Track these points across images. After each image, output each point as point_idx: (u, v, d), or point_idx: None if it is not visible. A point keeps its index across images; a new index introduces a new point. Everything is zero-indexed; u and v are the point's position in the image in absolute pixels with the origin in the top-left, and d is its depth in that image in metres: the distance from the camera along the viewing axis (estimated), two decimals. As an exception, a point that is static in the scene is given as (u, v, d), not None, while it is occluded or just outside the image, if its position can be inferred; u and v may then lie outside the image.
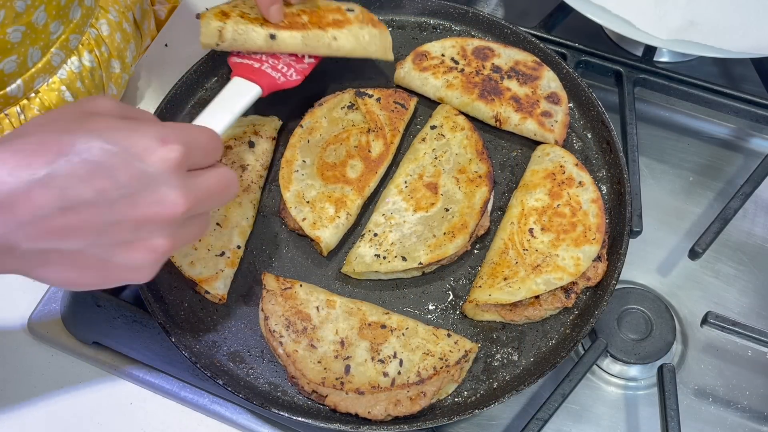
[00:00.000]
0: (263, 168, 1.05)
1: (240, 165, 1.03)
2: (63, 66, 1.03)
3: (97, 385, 1.00)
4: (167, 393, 0.98)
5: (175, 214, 0.68)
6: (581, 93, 1.09)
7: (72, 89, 1.05)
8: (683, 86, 1.16)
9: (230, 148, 1.04)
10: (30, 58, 0.98)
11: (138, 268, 0.70)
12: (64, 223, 0.64)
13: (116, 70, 1.13)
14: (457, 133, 1.05)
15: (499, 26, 1.16)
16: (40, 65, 1.00)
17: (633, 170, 1.04)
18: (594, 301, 0.95)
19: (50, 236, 0.64)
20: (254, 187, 1.03)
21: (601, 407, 0.98)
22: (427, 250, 0.96)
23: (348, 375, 0.87)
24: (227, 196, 0.75)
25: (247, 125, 1.06)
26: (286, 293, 0.93)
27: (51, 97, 1.03)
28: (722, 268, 1.07)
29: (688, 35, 1.13)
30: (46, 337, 1.01)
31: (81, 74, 1.06)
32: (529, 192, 1.00)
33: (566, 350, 0.90)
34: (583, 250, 0.94)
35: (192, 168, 0.71)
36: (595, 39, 1.26)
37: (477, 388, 0.91)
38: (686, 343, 1.02)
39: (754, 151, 1.18)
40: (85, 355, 1.00)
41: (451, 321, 0.96)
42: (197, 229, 0.74)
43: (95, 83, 1.09)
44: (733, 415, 0.97)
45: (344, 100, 1.08)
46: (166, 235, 0.69)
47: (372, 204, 1.03)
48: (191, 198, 0.68)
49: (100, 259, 0.67)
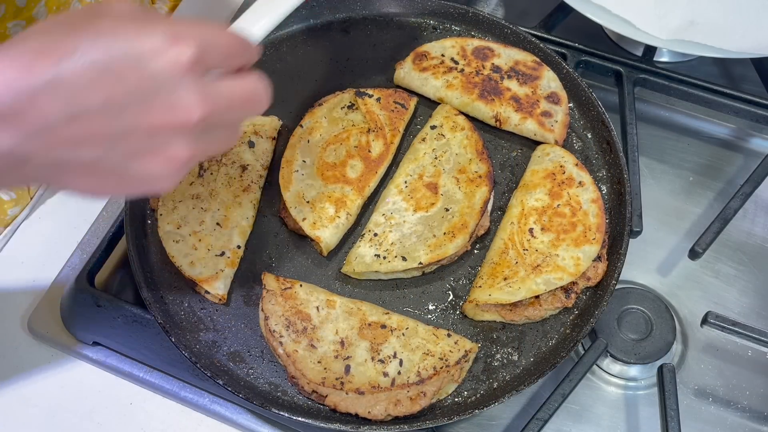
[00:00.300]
0: (263, 168, 1.05)
1: (240, 165, 1.03)
2: None
3: (97, 385, 1.00)
4: (167, 393, 0.98)
5: (190, 120, 0.62)
6: (581, 93, 1.09)
7: None
8: (683, 86, 1.16)
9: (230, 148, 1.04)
10: None
11: (157, 178, 0.65)
12: (74, 133, 0.60)
13: None
14: (457, 133, 1.05)
15: (499, 26, 1.16)
16: None
17: (633, 170, 1.05)
18: (594, 301, 0.95)
19: (61, 146, 0.60)
20: (254, 187, 1.03)
21: (601, 407, 0.98)
22: (427, 250, 0.96)
23: (348, 375, 0.87)
24: (254, 107, 0.68)
25: (247, 125, 1.06)
26: (286, 293, 0.93)
27: None
28: (722, 268, 1.07)
29: (688, 35, 1.13)
30: (45, 337, 1.01)
31: None
32: (529, 192, 1.00)
33: (566, 350, 0.90)
34: (583, 250, 0.94)
35: (216, 70, 0.65)
36: (595, 39, 1.26)
37: (477, 388, 0.91)
38: (686, 343, 1.02)
39: (754, 151, 1.18)
40: (85, 355, 1.00)
41: (451, 321, 0.96)
42: (222, 140, 0.68)
43: None
44: (733, 415, 0.97)
45: (344, 100, 1.08)
46: (184, 143, 0.63)
47: (372, 204, 1.03)
48: (208, 103, 0.63)
49: (116, 168, 0.63)
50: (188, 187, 1.01)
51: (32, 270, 1.07)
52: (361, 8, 1.19)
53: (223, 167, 1.03)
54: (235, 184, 1.02)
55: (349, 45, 1.17)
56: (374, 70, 1.15)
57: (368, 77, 1.14)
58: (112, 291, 1.04)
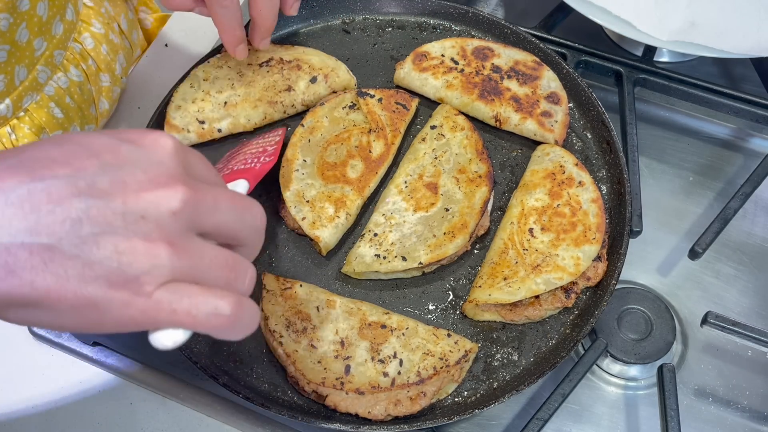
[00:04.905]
0: (301, 104, 1.08)
1: (288, 85, 1.07)
2: (50, 82, 1.02)
3: (97, 385, 0.99)
4: (167, 393, 0.98)
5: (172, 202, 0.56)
6: (581, 93, 1.09)
7: (61, 105, 1.03)
8: (683, 86, 1.16)
9: (230, 147, 1.05)
10: (17, 76, 0.96)
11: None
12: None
13: (106, 83, 1.11)
14: (457, 133, 1.05)
15: (499, 26, 1.16)
16: (27, 83, 0.98)
17: (633, 170, 1.05)
18: (594, 301, 0.95)
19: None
20: (279, 108, 1.06)
21: (601, 407, 0.98)
22: (427, 250, 0.96)
23: (348, 375, 0.87)
24: (246, 218, 0.63)
25: (326, 66, 1.09)
26: (286, 293, 0.93)
27: (41, 114, 1.01)
28: (722, 268, 1.07)
29: (688, 36, 1.13)
30: (46, 337, 1.01)
31: (69, 89, 1.04)
32: (529, 192, 1.00)
33: (566, 350, 0.90)
34: (583, 250, 0.94)
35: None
36: (595, 39, 1.26)
37: (477, 388, 0.91)
38: (686, 343, 1.02)
39: (754, 151, 1.18)
40: (85, 355, 1.00)
41: (451, 321, 0.96)
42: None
43: (84, 98, 1.07)
44: (733, 415, 0.97)
45: (345, 100, 1.08)
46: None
47: (372, 204, 1.03)
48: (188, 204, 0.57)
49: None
50: (244, 63, 1.08)
51: (32, 270, 1.07)
52: (361, 8, 1.19)
53: (278, 74, 1.07)
54: (270, 92, 1.07)
55: (349, 45, 1.17)
56: (374, 70, 1.15)
57: (368, 77, 1.14)
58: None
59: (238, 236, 0.62)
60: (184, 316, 0.57)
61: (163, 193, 0.56)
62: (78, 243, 0.53)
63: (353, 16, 1.19)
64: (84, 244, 0.53)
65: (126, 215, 0.55)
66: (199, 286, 0.58)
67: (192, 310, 0.57)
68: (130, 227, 0.55)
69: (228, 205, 0.61)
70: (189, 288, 0.57)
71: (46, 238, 0.53)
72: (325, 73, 1.09)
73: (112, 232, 0.54)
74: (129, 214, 0.55)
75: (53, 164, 0.54)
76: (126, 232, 0.54)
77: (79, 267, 0.53)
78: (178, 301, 0.56)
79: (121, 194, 0.55)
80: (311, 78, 1.08)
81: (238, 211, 0.62)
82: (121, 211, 0.54)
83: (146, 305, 0.56)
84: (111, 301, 0.55)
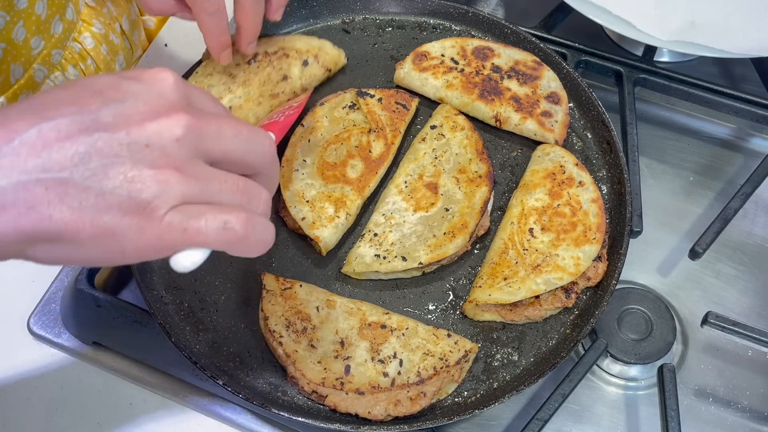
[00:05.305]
0: (301, 89, 1.08)
1: (283, 74, 1.07)
2: (47, 81, 1.02)
3: (97, 385, 0.99)
4: (167, 393, 0.98)
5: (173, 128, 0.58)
6: (581, 93, 1.09)
7: None
8: (683, 86, 1.16)
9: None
10: (12, 75, 0.96)
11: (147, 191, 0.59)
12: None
13: None
14: (457, 132, 1.05)
15: (499, 26, 1.16)
16: (22, 81, 0.98)
17: (633, 170, 1.05)
18: (594, 301, 0.95)
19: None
20: (282, 98, 1.06)
21: (601, 407, 0.98)
22: (427, 250, 0.96)
23: (348, 375, 0.87)
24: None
25: (313, 47, 1.09)
26: (286, 293, 0.93)
27: None
28: (722, 268, 1.07)
29: (688, 36, 1.13)
30: (45, 337, 1.01)
31: None
32: (529, 192, 1.00)
33: (566, 350, 0.90)
34: (583, 250, 0.94)
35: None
36: (595, 39, 1.26)
37: (477, 388, 0.91)
38: (686, 343, 1.02)
39: (754, 151, 1.18)
40: (85, 355, 1.00)
41: (451, 321, 0.96)
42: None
43: None
44: (733, 415, 0.97)
45: (345, 100, 1.08)
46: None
47: (372, 204, 1.03)
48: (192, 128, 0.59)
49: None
50: (231, 64, 1.05)
51: (32, 270, 1.07)
52: (361, 8, 1.19)
53: (269, 67, 1.06)
54: (268, 86, 1.05)
55: (349, 45, 1.17)
56: (374, 70, 1.15)
57: (368, 77, 1.14)
58: (112, 291, 1.04)
59: (248, 163, 0.64)
60: (195, 234, 0.59)
61: (165, 122, 0.58)
62: (89, 175, 0.56)
63: (353, 16, 1.19)
64: (94, 175, 0.56)
65: (131, 145, 0.57)
66: (209, 206, 0.60)
67: (202, 227, 0.59)
68: (136, 156, 0.57)
69: (233, 132, 0.62)
70: (198, 207, 0.59)
71: (58, 173, 0.55)
72: (314, 53, 1.09)
73: (120, 162, 0.56)
74: (134, 144, 0.57)
75: (60, 105, 0.57)
76: (133, 161, 0.57)
77: (93, 198, 0.56)
78: (187, 220, 0.58)
79: (125, 126, 0.57)
80: (302, 62, 1.08)
81: (245, 138, 0.63)
82: (126, 141, 0.57)
83: (160, 229, 0.58)
84: (127, 228, 0.57)
